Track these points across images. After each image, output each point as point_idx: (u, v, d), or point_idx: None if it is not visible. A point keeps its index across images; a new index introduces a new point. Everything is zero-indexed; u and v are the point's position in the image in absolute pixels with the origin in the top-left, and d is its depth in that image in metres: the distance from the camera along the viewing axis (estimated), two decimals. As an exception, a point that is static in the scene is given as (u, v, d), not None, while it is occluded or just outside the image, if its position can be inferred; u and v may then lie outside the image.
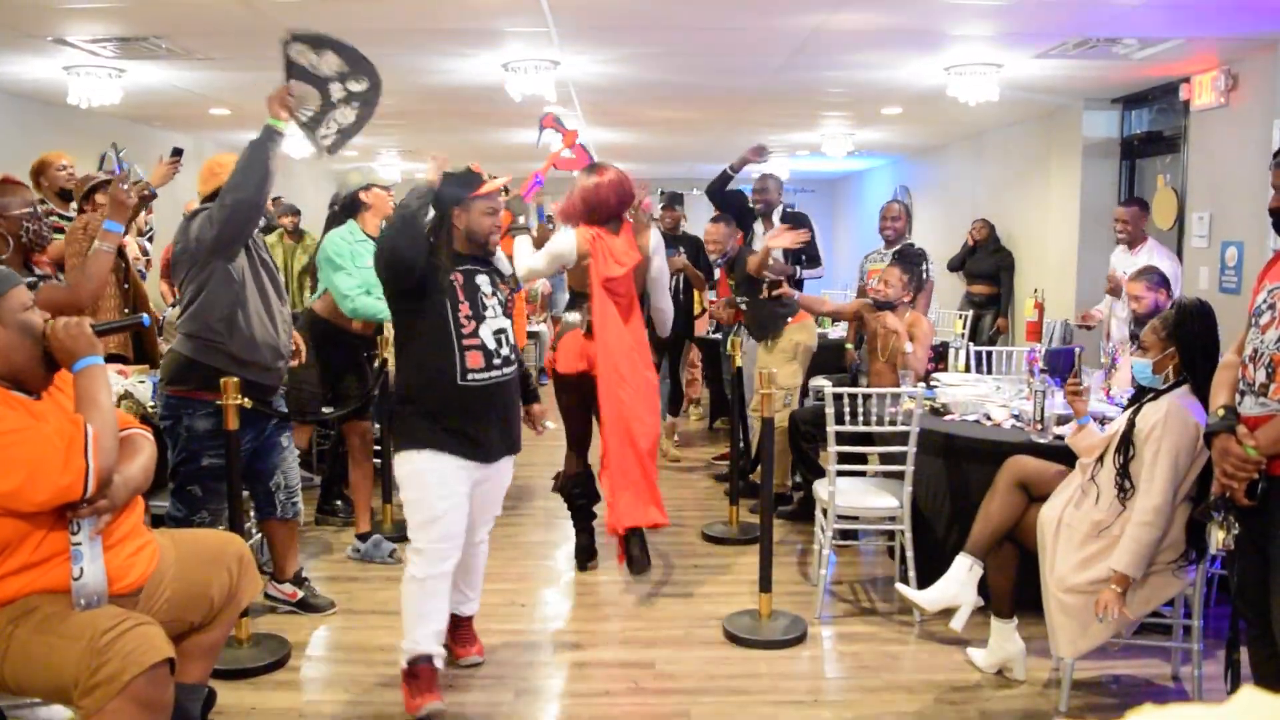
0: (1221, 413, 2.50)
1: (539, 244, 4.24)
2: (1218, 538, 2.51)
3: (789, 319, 5.27)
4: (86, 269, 3.06)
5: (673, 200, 7.23)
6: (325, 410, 4.64)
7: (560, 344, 4.13)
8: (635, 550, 3.97)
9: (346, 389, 4.59)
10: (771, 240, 4.99)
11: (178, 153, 3.80)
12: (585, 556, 4.47)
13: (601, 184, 3.95)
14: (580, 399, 4.12)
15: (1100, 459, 3.13)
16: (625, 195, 4.00)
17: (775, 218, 5.71)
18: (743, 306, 5.37)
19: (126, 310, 4.28)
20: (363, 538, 4.55)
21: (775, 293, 5.04)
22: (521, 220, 4.57)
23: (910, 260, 5.01)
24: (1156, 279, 4.27)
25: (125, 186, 3.25)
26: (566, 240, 3.96)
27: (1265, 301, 2.47)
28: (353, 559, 4.52)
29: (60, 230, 4.41)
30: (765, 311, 5.24)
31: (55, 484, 2.09)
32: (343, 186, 4.62)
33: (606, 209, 3.96)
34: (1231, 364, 2.62)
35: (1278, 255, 2.58)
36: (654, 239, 4.26)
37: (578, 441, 4.35)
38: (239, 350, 3.36)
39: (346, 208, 4.54)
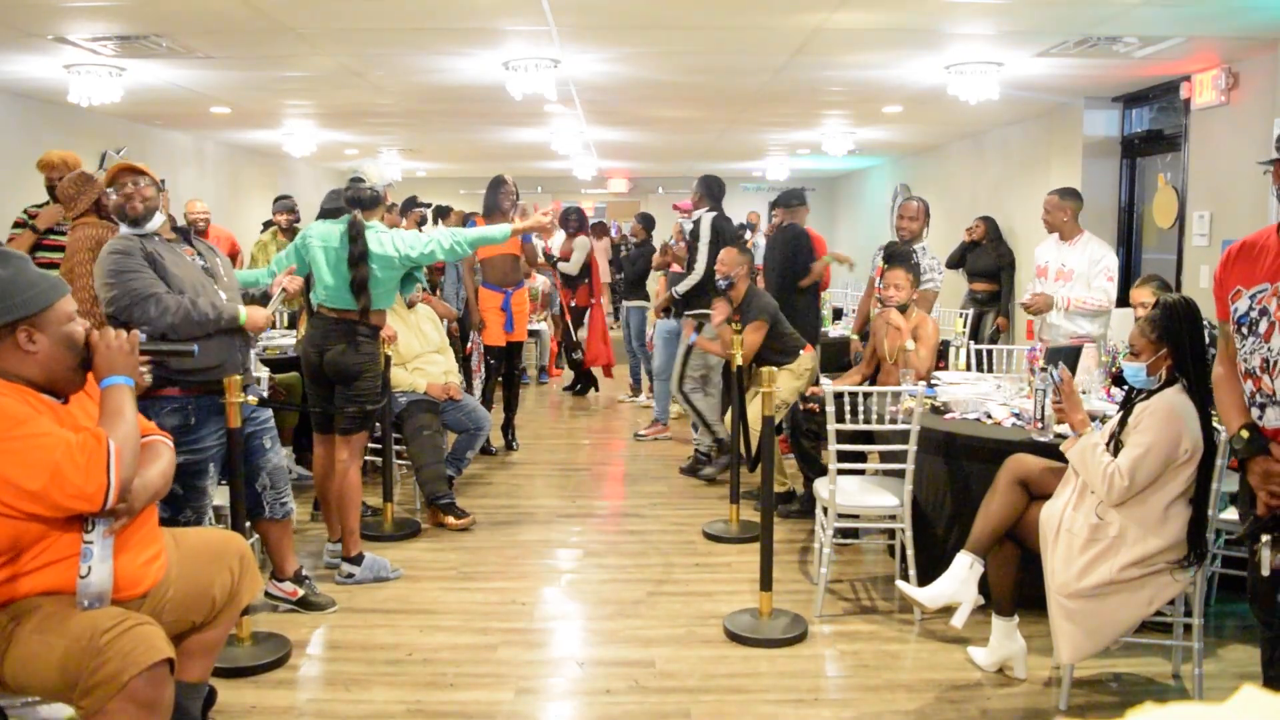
0: (1246, 435, 2.43)
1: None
2: (1267, 557, 2.42)
3: (801, 349, 5.40)
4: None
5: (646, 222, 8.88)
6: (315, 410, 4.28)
7: None
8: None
9: (353, 391, 4.11)
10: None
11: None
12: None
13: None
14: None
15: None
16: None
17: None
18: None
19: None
20: (354, 560, 4.20)
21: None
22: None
23: (907, 258, 5.02)
24: (1161, 285, 4.29)
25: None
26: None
27: (1253, 309, 2.41)
28: (343, 584, 4.15)
29: (61, 247, 4.42)
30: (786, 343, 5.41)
31: (75, 494, 2.09)
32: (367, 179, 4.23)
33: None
34: (1225, 378, 2.55)
35: (1231, 259, 2.49)
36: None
37: None
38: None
39: (365, 201, 4.14)
